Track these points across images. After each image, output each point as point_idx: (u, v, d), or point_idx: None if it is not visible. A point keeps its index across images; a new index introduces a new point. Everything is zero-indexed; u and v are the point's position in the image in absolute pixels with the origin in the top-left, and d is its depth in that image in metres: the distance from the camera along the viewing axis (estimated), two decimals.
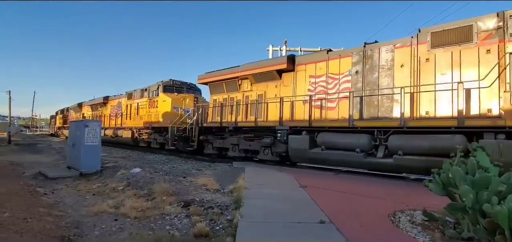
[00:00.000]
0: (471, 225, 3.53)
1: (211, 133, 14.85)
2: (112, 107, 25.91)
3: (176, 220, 4.96)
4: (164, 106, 18.21)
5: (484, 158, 3.92)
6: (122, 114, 23.59)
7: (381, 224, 4.19)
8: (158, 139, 18.68)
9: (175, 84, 19.17)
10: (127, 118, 22.62)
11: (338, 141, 9.70)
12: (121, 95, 24.85)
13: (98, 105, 28.53)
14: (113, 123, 24.96)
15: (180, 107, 17.60)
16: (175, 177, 8.68)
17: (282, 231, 3.82)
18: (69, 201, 6.51)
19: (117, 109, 24.88)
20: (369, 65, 9.70)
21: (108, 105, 26.73)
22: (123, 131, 22.76)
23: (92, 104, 30.26)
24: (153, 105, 19.33)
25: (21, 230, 4.14)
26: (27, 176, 9.65)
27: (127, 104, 22.85)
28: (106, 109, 27.07)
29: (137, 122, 21.18)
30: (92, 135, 10.33)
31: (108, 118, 25.87)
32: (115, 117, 24.63)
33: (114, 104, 25.67)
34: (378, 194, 6.25)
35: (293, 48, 22.03)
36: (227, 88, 14.54)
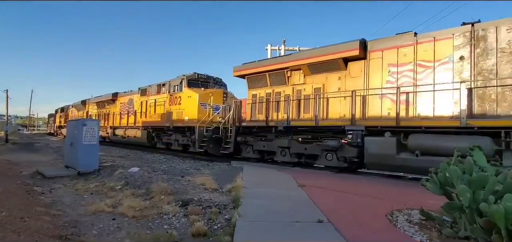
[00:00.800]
0: (468, 224, 3.55)
1: (250, 133, 12.77)
2: (122, 105, 23.36)
3: (174, 219, 4.95)
4: (190, 103, 15.77)
5: (481, 157, 3.94)
6: (135, 112, 21.09)
7: (379, 223, 4.21)
8: (180, 140, 16.53)
9: (201, 78, 16.87)
10: (141, 116, 20.12)
11: (441, 144, 7.65)
12: (132, 92, 22.57)
13: (106, 102, 26.30)
14: (124, 121, 22.49)
15: (208, 104, 15.05)
16: (173, 176, 8.67)
17: (280, 230, 3.83)
18: (67, 200, 6.49)
19: (128, 106, 22.37)
20: (481, 48, 7.83)
21: (117, 102, 24.24)
22: (136, 130, 20.51)
23: (98, 102, 27.98)
24: (174, 102, 16.97)
25: (19, 229, 4.12)
26: (25, 175, 9.62)
27: (141, 102, 20.33)
28: (114, 106, 24.63)
29: (153, 120, 18.81)
30: (90, 134, 10.30)
31: (117, 117, 23.54)
32: (127, 115, 22.13)
33: (124, 101, 23.16)
34: (376, 193, 6.27)
35: (292, 48, 22.04)
36: (271, 81, 12.49)
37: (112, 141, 23.99)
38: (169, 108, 17.40)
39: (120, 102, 23.79)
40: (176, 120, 16.60)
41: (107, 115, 25.80)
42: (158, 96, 18.72)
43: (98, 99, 28.19)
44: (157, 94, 18.82)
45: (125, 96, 23.26)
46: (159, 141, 18.45)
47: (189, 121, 15.52)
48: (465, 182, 3.56)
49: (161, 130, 18.19)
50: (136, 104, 21.19)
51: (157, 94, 18.86)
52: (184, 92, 16.41)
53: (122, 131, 22.37)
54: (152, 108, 19.03)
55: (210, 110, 14.89)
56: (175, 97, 17.03)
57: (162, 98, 18.17)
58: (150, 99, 19.46)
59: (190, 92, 16.07)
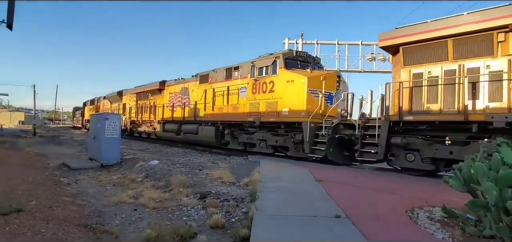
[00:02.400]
0: (493, 223, 3.42)
1: (413, 132, 8.47)
2: (172, 95, 19.65)
3: (193, 211, 5.07)
4: (293, 90, 11.33)
5: (509, 153, 3.76)
6: (196, 103, 16.75)
7: (399, 220, 4.13)
8: (271, 140, 12.30)
9: (299, 56, 12.61)
10: (205, 108, 15.96)
11: None
12: (185, 79, 18.85)
13: (149, 92, 22.61)
14: (178, 114, 18.44)
15: (320, 92, 11.08)
16: (192, 169, 8.84)
17: (298, 224, 3.83)
18: (91, 191, 6.77)
19: (181, 97, 18.68)
20: None
21: (165, 92, 20.52)
22: (196, 126, 16.39)
23: (139, 92, 24.33)
24: (262, 89, 12.60)
25: (47, 218, 4.35)
26: (52, 166, 10.11)
27: (204, 90, 16.12)
28: (161, 97, 20.95)
29: (224, 113, 14.69)
30: (112, 128, 10.66)
31: (168, 110, 19.78)
32: (182, 107, 18.05)
33: (175, 90, 19.43)
34: (396, 189, 6.14)
35: (309, 41, 21.75)
36: (456, 52, 7.78)
37: (160, 137, 20.65)
38: (252, 98, 12.98)
39: (169, 92, 20.02)
40: (266, 113, 12.24)
41: (152, 107, 22.19)
42: (229, 83, 14.55)
43: (138, 89, 24.52)
44: (227, 80, 14.71)
45: (176, 84, 19.49)
46: (233, 139, 14.43)
47: (292, 114, 11.28)
48: (491, 179, 3.42)
49: (238, 126, 14.13)
50: (194, 94, 17.23)
51: (226, 80, 14.75)
52: (279, 76, 11.90)
53: (175, 125, 18.42)
54: (220, 98, 14.93)
55: (322, 100, 11.05)
56: (263, 83, 12.53)
57: (236, 85, 14.07)
58: (217, 87, 15.27)
59: (291, 74, 11.52)
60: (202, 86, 16.58)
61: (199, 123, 16.30)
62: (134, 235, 4.16)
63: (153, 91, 22.05)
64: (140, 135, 24.47)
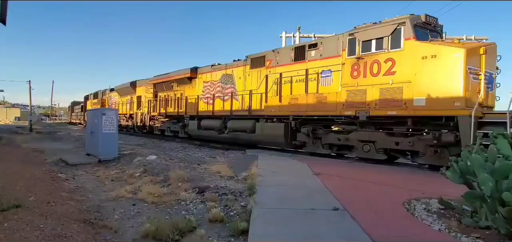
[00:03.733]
0: (489, 214, 3.47)
1: None
2: (207, 85, 16.35)
3: (192, 205, 5.08)
4: (433, 70, 8.01)
5: (505, 145, 3.80)
6: (251, 94, 13.25)
7: (396, 212, 4.17)
8: (386, 143, 9.03)
9: (429, 23, 8.96)
10: (266, 99, 12.43)
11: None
12: (226, 65, 15.35)
13: (174, 82, 19.08)
14: (219, 106, 15.26)
15: (479, 72, 7.82)
16: (190, 164, 8.85)
17: (296, 217, 3.86)
18: (89, 186, 6.77)
19: (221, 86, 15.26)
20: None
21: (198, 81, 17.10)
22: (253, 122, 12.91)
23: (159, 83, 20.82)
24: (371, 71, 9.19)
25: (46, 213, 4.35)
26: (49, 162, 10.08)
27: (266, 75, 12.63)
28: (191, 88, 17.61)
29: (302, 104, 11.11)
30: (109, 123, 10.63)
31: (202, 102, 16.51)
32: (226, 98, 14.80)
33: (213, 78, 15.93)
34: (393, 182, 6.19)
35: (306, 34, 21.70)
36: None
37: (193, 137, 17.17)
38: (353, 84, 9.62)
39: (203, 81, 16.67)
40: (381, 103, 8.90)
41: (179, 100, 18.61)
42: (302, 65, 11.29)
43: (159, 78, 20.94)
44: (299, 62, 11.45)
45: (213, 71, 16.06)
46: (314, 140, 11.01)
47: (434, 105, 7.91)
48: (488, 171, 3.46)
49: (321, 122, 10.84)
50: (243, 82, 13.87)
51: (297, 62, 11.48)
52: (405, 50, 8.48)
53: (217, 122, 15.05)
54: (288, 86, 11.66)
55: (483, 84, 7.77)
56: (373, 62, 9.14)
57: (315, 67, 10.78)
58: (284, 72, 11.83)
59: (430, 47, 8.14)
60: (256, 72, 13.20)
61: (256, 118, 12.83)
62: (133, 229, 4.17)
63: (181, 80, 18.36)
64: (163, 133, 20.79)
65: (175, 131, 19.41)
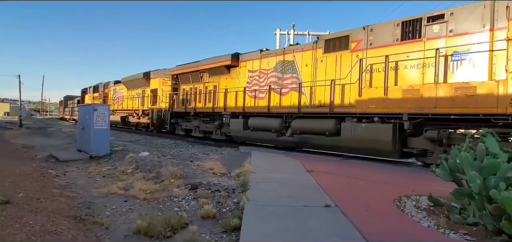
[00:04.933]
0: (477, 211, 3.54)
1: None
2: (254, 74, 13.29)
3: (184, 202, 5.07)
4: None
5: (493, 144, 3.88)
6: (333, 85, 9.95)
7: (386, 209, 4.23)
8: None
9: None
10: (360, 92, 9.21)
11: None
12: (283, 50, 12.63)
13: (206, 72, 16.04)
14: (275, 101, 12.20)
15: None
16: (183, 160, 8.82)
17: (288, 214, 3.88)
18: (80, 183, 6.69)
19: (276, 76, 12.33)
20: None
21: (240, 71, 13.99)
22: (334, 122, 9.93)
23: (184, 73, 17.58)
24: None
25: (36, 209, 4.29)
26: (39, 158, 9.93)
27: (360, 60, 9.41)
28: (231, 79, 14.51)
29: (426, 97, 7.88)
30: (101, 119, 10.51)
31: (249, 97, 13.35)
32: (298, 92, 11.24)
33: (264, 66, 12.85)
34: (384, 179, 6.26)
35: (301, 32, 21.74)
36: None
37: (238, 140, 13.82)
38: None
39: (248, 70, 13.61)
40: None
41: (212, 94, 15.45)
42: (413, 45, 8.49)
43: (184, 68, 17.63)
44: (408, 41, 8.61)
45: (265, 58, 12.92)
46: (446, 147, 7.51)
47: None
48: (476, 169, 3.53)
49: (458, 124, 7.74)
50: (310, 70, 11.03)
51: (406, 41, 8.66)
52: None
53: (275, 121, 11.91)
54: (394, 73, 8.70)
55: None
56: None
57: (444, 47, 7.90)
58: (392, 54, 8.63)
59: None
60: (334, 56, 10.26)
61: (339, 118, 9.87)
62: (124, 226, 4.14)
63: (216, 70, 15.15)
64: (188, 134, 17.34)
65: (207, 131, 15.85)
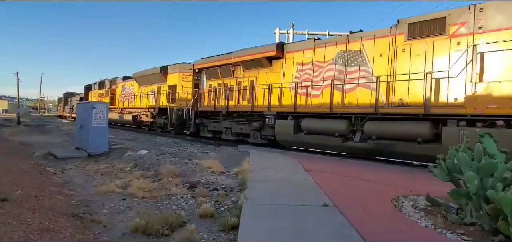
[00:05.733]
0: (474, 211, 3.56)
1: None
2: (306, 67, 11.25)
3: (182, 200, 5.07)
4: None
5: (491, 144, 3.89)
6: (430, 80, 7.84)
7: (384, 208, 4.24)
8: None
9: None
10: (472, 88, 7.31)
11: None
12: (346, 37, 10.34)
13: (240, 66, 13.97)
14: (336, 98, 10.18)
15: None
16: (181, 159, 8.81)
17: (286, 213, 3.88)
18: (79, 181, 6.68)
19: (337, 69, 10.32)
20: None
21: (286, 63, 11.95)
22: (430, 125, 7.98)
23: (207, 67, 15.72)
24: None
25: (33, 207, 4.28)
26: (37, 156, 9.90)
27: (474, 44, 7.37)
28: (273, 72, 12.42)
29: None
30: (99, 117, 10.48)
31: (301, 95, 11.28)
32: (373, 88, 9.22)
33: (318, 58, 10.88)
34: (382, 179, 6.28)
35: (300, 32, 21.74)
36: None
37: (281, 143, 12.07)
38: None
39: (297, 63, 11.56)
40: None
41: (248, 91, 13.38)
42: None
43: (210, 61, 15.53)
44: None
45: (319, 48, 10.91)
46: None
47: None
48: (474, 169, 3.54)
49: None
50: (386, 61, 9.17)
51: None
52: None
53: (340, 124, 9.89)
54: None
55: None
56: None
57: None
58: None
59: None
60: (423, 43, 8.32)
61: (435, 120, 8.01)
62: (122, 224, 4.14)
63: (254, 62, 13.12)
64: (216, 135, 15.11)
65: (243, 134, 13.59)
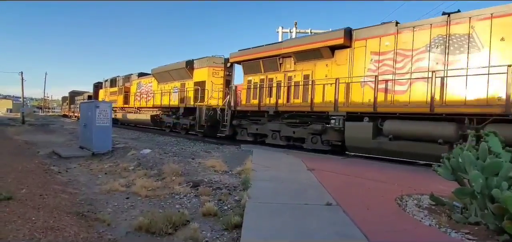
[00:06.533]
0: (478, 210, 3.53)
1: None
2: (384, 57, 9.41)
3: (185, 199, 5.08)
4: None
5: (496, 143, 3.86)
6: None
7: (388, 208, 4.22)
8: None
9: None
10: None
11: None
12: (446, 19, 8.27)
13: (288, 58, 12.17)
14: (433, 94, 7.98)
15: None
16: (184, 158, 8.83)
17: (290, 212, 3.88)
18: (83, 180, 6.72)
19: (425, 57, 8.57)
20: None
21: (355, 53, 10.17)
22: None
23: (247, 60, 13.85)
24: None
25: (38, 206, 4.31)
26: (42, 155, 9.96)
27: None
28: (335, 65, 10.67)
29: None
30: (103, 116, 10.53)
31: (369, 89, 9.50)
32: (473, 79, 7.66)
33: (404, 45, 9.01)
34: (386, 178, 6.25)
35: (303, 30, 21.68)
36: None
37: (351, 150, 10.38)
38: None
39: (371, 52, 9.73)
40: None
41: (304, 87, 11.49)
42: None
43: (249, 53, 13.74)
44: None
45: (404, 32, 9.05)
46: None
47: None
48: (478, 168, 3.51)
49: None
50: (509, 46, 7.32)
51: None
52: None
53: (447, 129, 7.74)
54: None
55: None
56: None
57: None
58: None
59: None
60: None
61: None
62: (126, 223, 4.16)
63: (309, 53, 11.23)
64: (259, 139, 13.26)
65: (296, 138, 11.63)
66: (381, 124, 9.11)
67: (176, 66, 18.44)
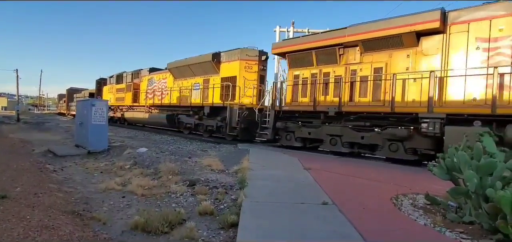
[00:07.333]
0: (473, 210, 3.56)
1: None
2: (497, 44, 7.52)
3: (182, 198, 5.07)
4: None
5: (490, 143, 3.90)
6: None
7: (383, 207, 4.25)
8: None
9: None
10: None
11: None
12: None
13: (349, 49, 10.46)
14: None
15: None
16: (181, 157, 8.81)
17: (286, 211, 3.89)
18: (78, 178, 6.68)
19: None
20: None
21: (446, 40, 8.30)
22: None
23: (292, 51, 12.00)
24: None
25: (33, 204, 4.28)
26: (37, 153, 9.89)
27: None
28: (420, 55, 8.77)
29: None
30: (99, 114, 10.47)
31: None
32: None
33: None
34: (382, 178, 6.29)
35: (300, 29, 21.69)
36: None
37: None
38: None
39: (476, 39, 7.84)
40: None
41: (379, 83, 9.55)
42: None
43: (296, 43, 12.14)
44: None
45: None
46: None
47: None
48: (473, 168, 3.54)
49: None
50: None
51: None
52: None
53: None
54: None
55: None
56: None
57: None
58: None
59: None
60: None
61: None
62: (122, 221, 4.14)
63: (382, 42, 9.42)
64: (309, 145, 11.52)
65: (364, 144, 9.82)
66: (498, 129, 7.05)
67: (199, 60, 15.99)
